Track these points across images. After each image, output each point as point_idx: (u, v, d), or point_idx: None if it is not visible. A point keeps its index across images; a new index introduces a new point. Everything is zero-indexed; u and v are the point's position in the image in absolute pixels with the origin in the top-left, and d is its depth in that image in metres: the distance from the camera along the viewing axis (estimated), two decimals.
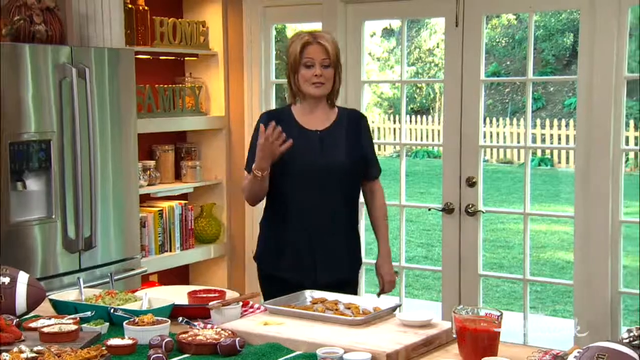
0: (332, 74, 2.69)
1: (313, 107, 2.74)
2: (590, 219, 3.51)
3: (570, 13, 13.26)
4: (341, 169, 2.70)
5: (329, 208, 2.70)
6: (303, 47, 2.67)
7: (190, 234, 4.22)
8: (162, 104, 4.05)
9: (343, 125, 2.76)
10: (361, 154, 2.77)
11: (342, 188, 2.73)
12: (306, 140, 2.70)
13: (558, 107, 14.42)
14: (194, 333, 1.88)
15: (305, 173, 2.67)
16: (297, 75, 2.70)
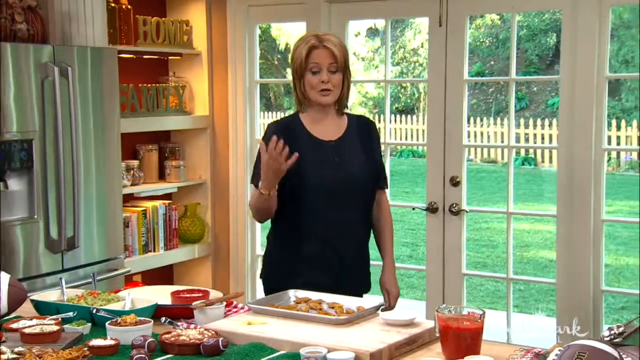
0: (341, 79, 2.54)
1: (322, 115, 2.59)
2: (573, 218, 3.54)
3: (553, 13, 13.34)
4: (360, 181, 2.56)
5: (347, 223, 2.55)
6: (309, 51, 2.51)
7: (174, 233, 4.21)
8: (145, 103, 4.03)
9: (355, 134, 2.63)
10: (374, 163, 2.64)
11: (360, 201, 2.59)
12: (321, 152, 2.55)
13: (542, 107, 14.50)
14: (177, 333, 1.87)
15: (323, 187, 2.50)
16: (303, 81, 2.54)
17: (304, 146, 2.50)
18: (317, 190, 2.50)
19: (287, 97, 16.91)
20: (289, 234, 2.58)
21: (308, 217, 2.53)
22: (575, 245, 3.53)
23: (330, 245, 2.53)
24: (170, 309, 2.13)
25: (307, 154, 2.49)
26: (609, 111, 13.86)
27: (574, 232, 3.53)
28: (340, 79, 2.54)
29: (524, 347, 1.81)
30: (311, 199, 2.51)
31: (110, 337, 1.86)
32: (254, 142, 4.36)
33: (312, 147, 2.54)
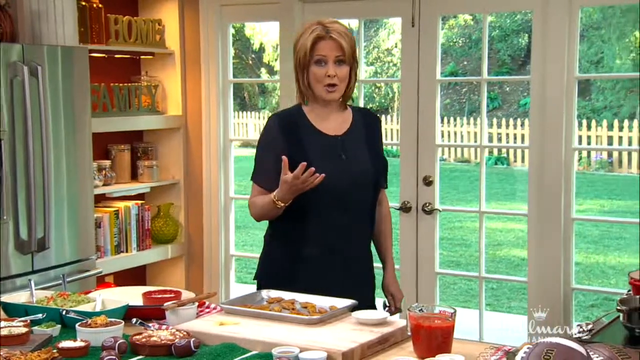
0: (347, 72, 2.38)
1: (326, 108, 2.43)
2: (543, 216, 3.57)
3: (525, 14, 13.45)
4: (368, 179, 2.43)
5: (354, 224, 2.41)
6: (314, 42, 2.34)
7: (147, 234, 4.18)
8: (117, 103, 4.00)
9: (360, 128, 2.48)
10: (380, 161, 2.50)
11: (368, 201, 2.46)
12: (328, 148, 2.40)
13: (514, 107, 14.63)
14: (148, 334, 1.86)
15: (329, 185, 2.32)
16: (307, 73, 2.37)
17: (308, 140, 2.38)
18: (323, 189, 2.32)
19: (261, 97, 16.87)
20: (290, 234, 2.43)
21: (312, 217, 2.38)
22: (546, 243, 3.56)
23: (334, 248, 2.39)
24: (141, 310, 2.11)
25: (313, 148, 2.36)
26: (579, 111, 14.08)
27: (545, 230, 3.57)
28: (347, 71, 2.38)
29: (494, 345, 1.82)
30: (316, 198, 2.35)
31: (80, 338, 1.84)
32: (228, 142, 4.35)
33: (317, 142, 2.39)
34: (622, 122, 12.14)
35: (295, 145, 2.36)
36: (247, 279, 7.14)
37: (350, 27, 2.84)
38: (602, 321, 1.98)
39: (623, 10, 13.06)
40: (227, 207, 4.38)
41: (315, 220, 2.38)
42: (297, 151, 2.35)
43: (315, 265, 2.39)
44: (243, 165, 13.82)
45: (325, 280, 2.35)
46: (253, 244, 8.50)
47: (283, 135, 2.40)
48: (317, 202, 2.36)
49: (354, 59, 2.40)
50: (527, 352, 1.27)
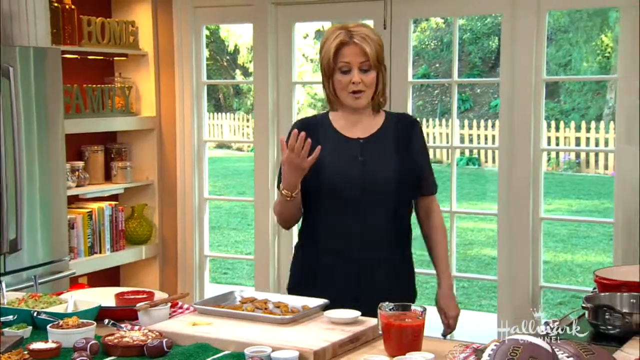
0: (374, 77, 2.26)
1: (354, 115, 2.32)
2: (513, 216, 3.60)
3: (495, 17, 13.57)
4: (386, 185, 2.26)
5: (369, 232, 2.27)
6: (337, 48, 2.23)
7: (120, 235, 4.15)
8: (90, 104, 3.96)
9: (390, 132, 2.33)
10: (412, 167, 2.32)
11: (388, 208, 2.29)
12: (344, 150, 2.28)
13: (485, 108, 14.74)
14: (120, 335, 1.84)
15: (342, 190, 2.24)
16: (332, 81, 2.28)
17: (327, 142, 2.25)
18: (336, 192, 2.24)
19: (236, 98, 16.82)
20: (307, 242, 2.35)
21: (325, 223, 2.28)
22: (515, 243, 3.60)
23: (346, 254, 2.27)
24: (114, 311, 2.10)
25: (329, 150, 2.24)
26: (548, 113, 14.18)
27: (514, 230, 3.60)
28: (373, 77, 2.26)
29: (463, 342, 1.84)
30: (329, 202, 2.26)
31: (52, 340, 1.81)
32: (202, 142, 4.33)
33: (335, 144, 2.28)
34: (589, 123, 12.30)
35: (312, 149, 2.20)
36: (221, 279, 7.12)
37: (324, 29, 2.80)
38: (569, 318, 2.00)
39: (590, 15, 13.24)
40: (202, 208, 4.36)
41: (326, 227, 2.29)
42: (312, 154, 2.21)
43: (329, 272, 2.28)
44: (218, 166, 13.83)
45: (340, 288, 2.23)
46: (228, 245, 8.48)
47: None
48: (329, 206, 2.27)
49: (381, 63, 2.28)
50: (494, 350, 1.28)
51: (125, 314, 2.08)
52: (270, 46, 4.04)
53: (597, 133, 12.04)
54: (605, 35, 13.44)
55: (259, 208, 4.17)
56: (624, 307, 1.97)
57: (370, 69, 2.26)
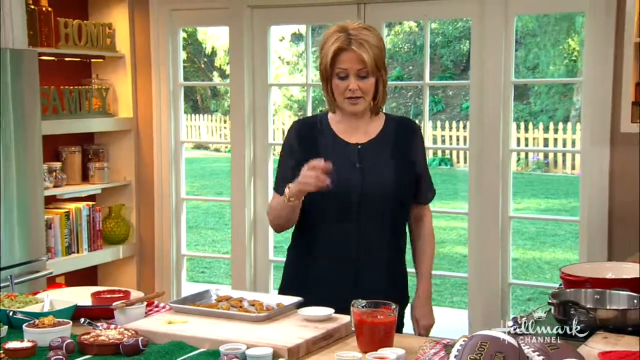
0: (373, 83, 2.16)
1: (353, 118, 2.23)
2: (482, 215, 3.63)
3: (466, 21, 13.66)
4: (384, 194, 2.19)
5: (363, 236, 2.20)
6: (335, 53, 2.13)
7: (98, 235, 4.11)
8: (68, 105, 3.93)
9: (390, 137, 2.25)
10: (411, 174, 2.25)
11: (386, 215, 2.21)
12: (343, 156, 2.19)
13: (457, 110, 14.84)
14: (96, 334, 1.82)
15: (340, 197, 2.16)
16: (329, 85, 2.19)
17: (326, 146, 2.20)
18: (333, 199, 2.16)
19: (213, 100, 16.75)
20: (301, 248, 2.28)
21: (320, 229, 2.21)
22: (485, 241, 3.62)
23: (342, 261, 2.19)
24: (90, 310, 2.07)
25: (328, 155, 2.14)
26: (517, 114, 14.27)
27: (484, 228, 3.63)
28: (372, 83, 2.16)
29: (434, 338, 1.84)
30: (325, 209, 2.18)
31: (28, 339, 1.79)
32: (179, 143, 4.31)
33: (334, 149, 2.20)
34: (557, 124, 12.43)
35: (310, 152, 2.17)
36: (198, 278, 7.08)
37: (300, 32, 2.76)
38: (536, 314, 2.02)
39: (557, 19, 13.39)
40: (179, 208, 4.33)
41: (322, 231, 2.21)
42: (311, 157, 2.14)
43: (324, 277, 2.21)
44: (196, 167, 13.74)
45: (335, 293, 2.12)
46: (205, 244, 8.44)
47: (299, 142, 2.24)
48: (325, 213, 2.20)
49: (379, 68, 2.16)
50: (463, 345, 1.29)
51: (102, 313, 2.06)
52: (246, 49, 4.03)
53: (565, 134, 12.17)
54: (572, 39, 13.60)
55: (236, 208, 4.16)
56: (588, 303, 2.00)
57: (368, 76, 2.15)
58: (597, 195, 3.39)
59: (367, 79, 2.15)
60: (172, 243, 4.32)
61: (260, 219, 4.14)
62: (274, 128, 15.18)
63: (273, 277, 4.21)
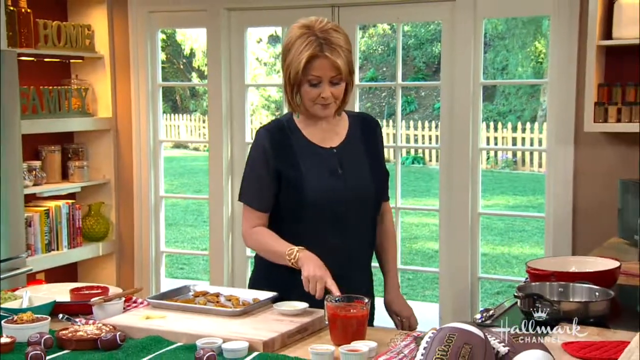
0: (343, 88, 2.06)
1: (320, 120, 2.13)
2: (453, 211, 3.65)
3: (438, 24, 13.73)
4: (367, 195, 2.11)
5: (352, 245, 2.11)
6: (308, 61, 2.00)
7: (78, 232, 4.07)
8: (47, 105, 3.88)
9: (358, 137, 2.16)
10: (382, 171, 2.19)
11: (367, 219, 2.14)
12: (322, 163, 2.09)
13: (429, 110, 14.90)
14: (74, 329, 1.80)
15: (325, 206, 2.06)
16: (299, 91, 2.06)
17: (302, 154, 2.08)
18: (318, 208, 2.05)
19: (192, 100, 16.65)
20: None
21: (306, 239, 2.06)
22: (455, 236, 3.64)
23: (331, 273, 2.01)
24: (69, 306, 2.05)
25: (308, 165, 2.06)
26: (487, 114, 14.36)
27: (454, 224, 3.65)
28: (342, 88, 2.06)
29: (404, 331, 1.85)
30: (310, 218, 2.07)
31: (6, 335, 1.77)
32: (158, 142, 4.28)
33: (311, 157, 2.08)
34: (524, 124, 12.54)
35: (287, 161, 2.07)
36: (177, 274, 7.04)
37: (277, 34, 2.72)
38: (504, 306, 2.04)
39: (525, 23, 13.50)
40: (158, 206, 4.31)
41: (309, 243, 2.05)
42: (289, 167, 2.06)
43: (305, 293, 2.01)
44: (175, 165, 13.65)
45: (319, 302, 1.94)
46: (184, 241, 8.39)
47: (273, 150, 2.09)
48: (312, 222, 2.07)
49: (351, 73, 2.07)
50: (432, 337, 1.29)
51: (80, 308, 2.04)
52: (223, 50, 4.01)
53: (532, 133, 12.28)
54: (539, 42, 13.72)
55: (214, 205, 4.14)
56: (552, 296, 2.02)
57: (341, 82, 2.05)
58: (562, 192, 3.42)
59: (340, 84, 2.05)
60: (151, 240, 4.29)
61: (238, 216, 4.12)
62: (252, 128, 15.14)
63: (251, 273, 4.19)
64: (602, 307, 1.90)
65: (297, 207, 2.07)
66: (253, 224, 2.14)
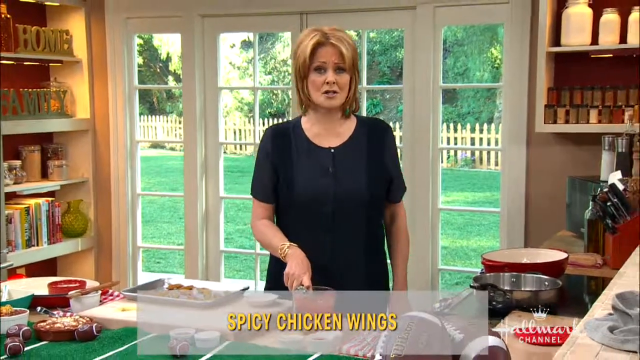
0: (348, 80, 2.04)
1: (326, 119, 2.09)
2: (415, 207, 3.67)
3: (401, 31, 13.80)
4: (358, 198, 2.05)
5: (339, 243, 2.06)
6: (314, 48, 2.01)
7: (57, 228, 4.02)
8: (27, 106, 3.82)
9: (362, 140, 2.10)
10: (383, 175, 2.11)
11: (360, 218, 2.07)
12: (316, 161, 2.06)
13: (393, 112, 14.97)
14: (52, 321, 1.78)
15: (313, 203, 2.03)
16: (306, 82, 2.04)
17: (299, 151, 2.07)
18: (305, 205, 2.04)
19: (169, 102, 16.50)
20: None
21: (296, 236, 2.04)
22: (417, 230, 3.67)
23: (319, 269, 1.98)
24: (47, 299, 2.03)
25: (301, 161, 2.05)
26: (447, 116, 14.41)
27: (416, 219, 3.67)
28: (347, 80, 2.04)
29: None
30: (300, 214, 2.06)
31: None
32: (134, 142, 4.23)
33: (306, 155, 2.07)
34: (482, 125, 12.67)
35: (285, 158, 2.07)
36: (154, 268, 6.98)
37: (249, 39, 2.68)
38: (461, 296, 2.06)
39: (482, 30, 13.64)
40: (134, 203, 4.26)
41: (299, 240, 2.03)
42: (285, 164, 2.07)
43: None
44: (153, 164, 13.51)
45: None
46: (161, 236, 8.32)
47: (274, 148, 2.10)
48: (301, 217, 2.06)
49: (355, 67, 2.06)
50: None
51: (58, 302, 2.02)
52: (197, 54, 3.98)
53: (489, 134, 12.41)
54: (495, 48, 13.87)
55: (189, 203, 4.11)
56: (505, 285, 2.04)
57: (345, 71, 2.03)
58: (515, 189, 3.47)
59: (344, 73, 2.03)
60: (129, 236, 4.25)
61: (212, 212, 4.10)
62: (226, 128, 15.08)
63: (224, 267, 4.18)
64: (551, 296, 1.93)
65: (288, 202, 2.08)
66: (259, 216, 2.15)
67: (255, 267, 4.15)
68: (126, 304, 1.97)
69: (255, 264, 4.16)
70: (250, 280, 4.29)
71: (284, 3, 3.79)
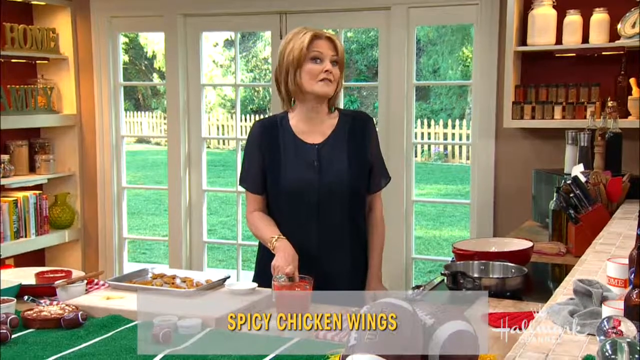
0: (339, 74, 2.07)
1: (312, 113, 2.09)
2: (390, 199, 3.67)
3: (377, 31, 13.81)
4: (341, 188, 2.06)
5: (325, 236, 2.07)
6: (311, 40, 2.03)
7: (45, 220, 3.97)
8: (14, 103, 3.77)
9: (345, 133, 2.10)
10: (365, 165, 2.11)
11: (344, 208, 2.08)
12: (302, 156, 2.08)
13: (370, 108, 14.98)
14: (39, 309, 1.76)
15: (300, 195, 2.05)
16: (299, 72, 2.03)
17: (286, 146, 2.08)
18: (294, 197, 2.05)
19: (154, 99, 16.37)
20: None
21: (284, 225, 2.06)
22: (392, 221, 3.67)
23: (307, 256, 2.01)
24: (34, 289, 2.00)
25: (288, 156, 2.06)
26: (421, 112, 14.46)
27: (391, 211, 3.68)
28: (339, 74, 2.07)
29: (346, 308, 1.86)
30: (288, 206, 2.07)
31: None
32: (120, 137, 4.19)
33: (293, 150, 2.08)
34: (454, 121, 12.74)
35: (272, 152, 2.08)
36: (139, 258, 6.93)
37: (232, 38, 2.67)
38: (433, 283, 2.07)
39: (454, 30, 13.70)
40: (120, 196, 4.23)
41: (285, 227, 2.05)
42: (273, 158, 2.08)
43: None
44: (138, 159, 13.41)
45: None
46: (146, 228, 8.26)
47: (262, 141, 2.11)
48: (288, 208, 2.07)
49: (344, 65, 2.11)
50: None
51: (45, 291, 1.99)
52: (180, 52, 3.95)
53: (461, 129, 12.48)
54: (466, 47, 13.94)
55: (172, 195, 4.09)
56: (474, 273, 2.06)
57: (338, 65, 2.06)
58: (485, 181, 3.49)
59: (336, 67, 2.06)
60: (114, 227, 4.21)
61: (195, 204, 4.08)
62: (209, 124, 14.98)
63: (207, 257, 4.16)
64: (517, 282, 1.95)
65: (276, 194, 2.09)
66: (252, 207, 2.15)
67: (237, 257, 4.14)
68: (111, 292, 1.95)
69: (237, 254, 4.15)
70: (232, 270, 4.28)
71: (263, 3, 3.77)
